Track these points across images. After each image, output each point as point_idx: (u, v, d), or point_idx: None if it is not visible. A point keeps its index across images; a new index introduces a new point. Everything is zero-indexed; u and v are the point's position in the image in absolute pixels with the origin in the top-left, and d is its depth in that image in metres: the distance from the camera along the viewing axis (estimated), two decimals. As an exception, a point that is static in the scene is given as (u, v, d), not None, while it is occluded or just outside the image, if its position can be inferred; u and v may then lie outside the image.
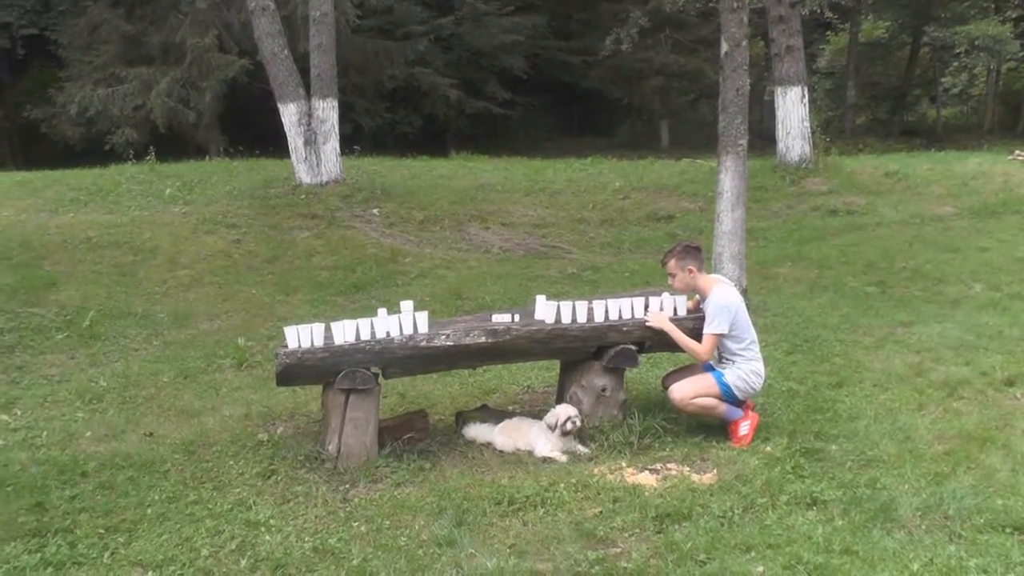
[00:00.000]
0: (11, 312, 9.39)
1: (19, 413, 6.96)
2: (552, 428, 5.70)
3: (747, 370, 5.90)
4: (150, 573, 4.31)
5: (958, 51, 28.62)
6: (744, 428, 5.79)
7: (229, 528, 4.77)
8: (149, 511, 5.01)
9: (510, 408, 6.63)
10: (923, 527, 4.54)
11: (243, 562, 4.41)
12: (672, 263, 6.03)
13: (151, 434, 6.42)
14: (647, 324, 5.93)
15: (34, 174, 16.67)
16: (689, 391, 5.80)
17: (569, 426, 5.68)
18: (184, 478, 5.52)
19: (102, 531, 4.77)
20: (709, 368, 5.98)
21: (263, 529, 4.75)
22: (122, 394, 7.42)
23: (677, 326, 5.93)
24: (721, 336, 5.84)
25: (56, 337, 8.99)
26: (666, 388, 5.99)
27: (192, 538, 4.66)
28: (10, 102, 31.76)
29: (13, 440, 6.30)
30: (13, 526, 4.84)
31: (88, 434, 6.43)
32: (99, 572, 4.34)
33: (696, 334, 5.93)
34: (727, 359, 5.96)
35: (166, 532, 4.75)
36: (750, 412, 5.90)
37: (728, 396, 5.85)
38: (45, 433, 6.41)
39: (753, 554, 4.30)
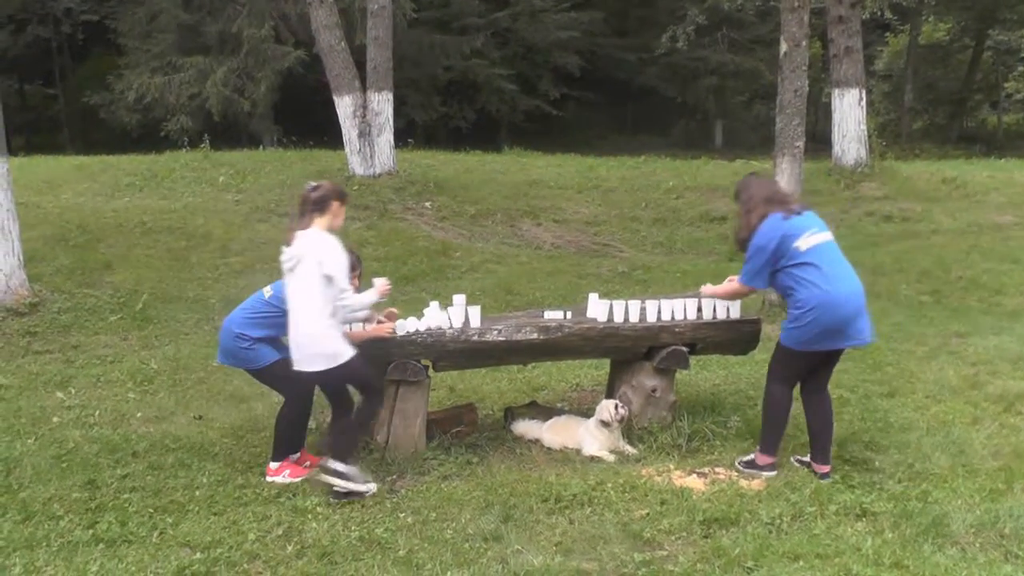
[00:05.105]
0: (68, 292, 9.57)
1: (73, 392, 7.11)
2: (608, 424, 5.65)
3: None
4: (198, 554, 4.35)
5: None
6: None
7: (276, 513, 4.81)
8: (197, 493, 5.08)
9: (559, 405, 6.61)
10: (977, 544, 4.41)
11: (289, 548, 4.43)
12: None
13: (200, 417, 6.51)
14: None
15: (91, 159, 17.03)
16: None
17: (622, 411, 5.66)
18: (232, 462, 5.59)
19: (151, 511, 4.84)
20: None
21: (310, 516, 4.78)
22: (172, 377, 7.55)
23: (728, 329, 5.91)
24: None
25: (110, 319, 9.15)
26: None
27: (239, 522, 4.71)
28: (71, 87, 32.41)
29: (68, 418, 6.44)
30: (67, 501, 4.94)
31: (139, 415, 6.56)
32: (148, 551, 4.40)
33: (750, 335, 5.90)
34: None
35: (214, 514, 4.80)
36: None
37: None
38: (98, 412, 6.55)
39: (801, 563, 4.22)
